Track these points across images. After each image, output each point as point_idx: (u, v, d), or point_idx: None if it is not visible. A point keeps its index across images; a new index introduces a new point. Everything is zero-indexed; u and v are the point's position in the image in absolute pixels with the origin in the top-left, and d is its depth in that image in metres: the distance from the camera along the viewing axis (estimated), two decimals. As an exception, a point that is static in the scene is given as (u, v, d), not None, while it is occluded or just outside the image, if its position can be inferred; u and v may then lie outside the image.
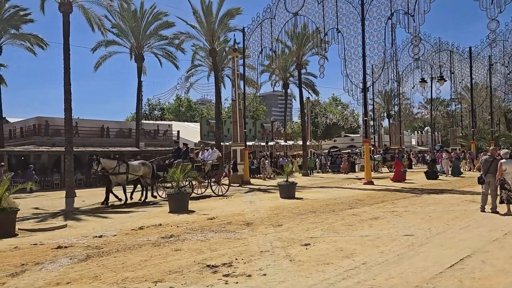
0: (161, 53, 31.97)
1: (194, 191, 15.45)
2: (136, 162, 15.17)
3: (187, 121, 55.82)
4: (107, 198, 13.72)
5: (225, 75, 35.52)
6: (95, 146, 29.52)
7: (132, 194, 14.75)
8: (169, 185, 14.69)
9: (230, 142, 27.97)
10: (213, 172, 16.85)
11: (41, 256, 6.55)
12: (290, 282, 4.93)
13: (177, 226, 9.11)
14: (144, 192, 15.00)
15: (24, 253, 6.82)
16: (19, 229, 8.98)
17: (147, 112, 54.56)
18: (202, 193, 16.23)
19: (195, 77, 34.10)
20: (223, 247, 6.87)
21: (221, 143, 29.32)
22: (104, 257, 6.44)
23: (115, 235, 8.24)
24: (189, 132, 41.64)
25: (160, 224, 9.39)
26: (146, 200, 14.71)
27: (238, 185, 22.14)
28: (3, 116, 30.62)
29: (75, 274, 5.50)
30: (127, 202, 13.99)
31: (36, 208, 13.50)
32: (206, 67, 33.92)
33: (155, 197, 15.42)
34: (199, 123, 41.48)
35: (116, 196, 13.88)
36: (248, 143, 27.47)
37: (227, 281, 5.01)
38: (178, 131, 38.77)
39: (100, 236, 8.12)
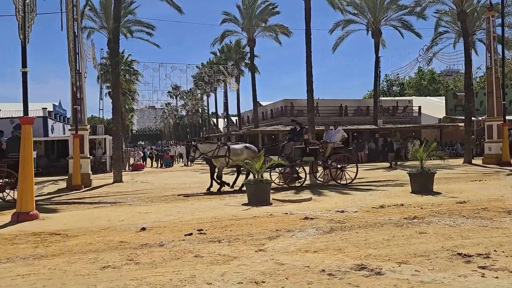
0: (400, 25, 30.45)
1: (318, 178, 13.81)
2: (238, 146, 13.76)
3: (430, 95, 51.79)
4: (211, 184, 12.95)
5: (476, 39, 31.07)
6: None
7: (234, 182, 13.33)
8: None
9: (484, 117, 24.39)
10: (336, 157, 13.63)
11: (291, 225, 7.22)
12: None
13: (421, 208, 8.52)
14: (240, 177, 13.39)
15: (278, 220, 7.66)
16: (273, 199, 10.18)
17: (385, 89, 53.46)
18: (326, 181, 13.85)
19: (439, 46, 31.13)
20: (477, 236, 6.00)
21: (472, 118, 25.89)
22: (347, 231, 6.58)
23: (356, 212, 8.34)
24: (432, 107, 38.59)
25: (402, 204, 8.99)
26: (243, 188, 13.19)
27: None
28: (258, 100, 35.63)
29: (320, 244, 5.81)
30: (233, 187, 12.95)
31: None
32: (452, 33, 30.52)
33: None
34: (443, 97, 37.83)
35: (216, 181, 12.96)
36: (507, 117, 23.24)
37: (483, 273, 4.32)
38: (419, 107, 36.48)
39: (342, 211, 8.37)
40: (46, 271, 4.90)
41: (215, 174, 12.96)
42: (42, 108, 29.32)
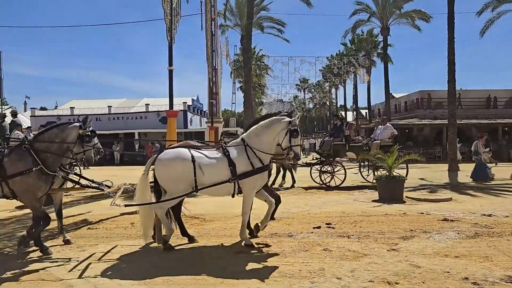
0: None
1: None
2: None
3: None
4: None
5: None
6: (480, 119, 27.63)
7: (283, 178, 12.49)
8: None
9: None
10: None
11: (427, 226, 6.66)
12: None
13: None
14: (291, 176, 12.25)
15: (412, 220, 7.14)
16: (406, 197, 9.52)
17: (546, 77, 45.99)
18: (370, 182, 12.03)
19: None
20: None
21: None
22: (495, 238, 5.83)
23: (507, 217, 7.32)
24: None
25: None
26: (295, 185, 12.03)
27: None
28: (390, 92, 33.77)
29: (463, 249, 5.25)
30: None
31: (421, 179, 13.94)
32: None
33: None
34: None
35: None
36: None
37: None
38: None
39: (489, 215, 7.43)
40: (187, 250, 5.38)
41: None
42: (183, 103, 32.23)
